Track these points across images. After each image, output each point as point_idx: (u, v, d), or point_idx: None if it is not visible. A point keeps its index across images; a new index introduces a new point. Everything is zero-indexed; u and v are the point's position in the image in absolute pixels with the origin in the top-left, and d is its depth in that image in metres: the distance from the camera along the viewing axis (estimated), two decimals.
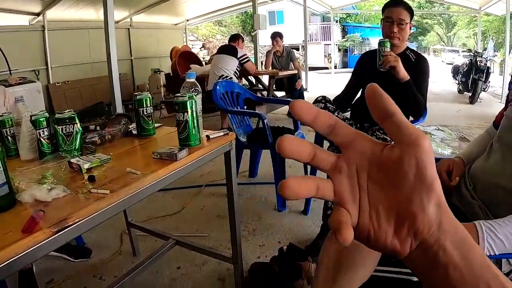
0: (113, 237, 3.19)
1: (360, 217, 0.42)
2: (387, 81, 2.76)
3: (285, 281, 2.31)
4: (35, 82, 6.68)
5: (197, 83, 1.92)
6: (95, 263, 2.83)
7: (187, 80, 1.91)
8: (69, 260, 2.82)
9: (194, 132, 1.75)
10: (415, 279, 1.21)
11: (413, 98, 2.75)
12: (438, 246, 0.40)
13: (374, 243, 0.43)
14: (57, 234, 1.11)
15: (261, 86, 8.27)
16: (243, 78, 8.25)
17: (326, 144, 2.96)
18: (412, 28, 2.96)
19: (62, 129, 1.67)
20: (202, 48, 21.83)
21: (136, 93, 2.02)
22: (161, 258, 2.62)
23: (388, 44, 2.68)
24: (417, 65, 2.88)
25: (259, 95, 7.18)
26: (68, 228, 1.14)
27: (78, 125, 1.71)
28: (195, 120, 1.75)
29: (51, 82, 8.64)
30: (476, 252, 0.41)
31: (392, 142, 0.41)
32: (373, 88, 0.42)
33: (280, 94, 8.25)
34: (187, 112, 1.71)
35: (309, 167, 3.62)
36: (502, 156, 1.56)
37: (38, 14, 8.35)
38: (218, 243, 3.03)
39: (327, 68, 25.31)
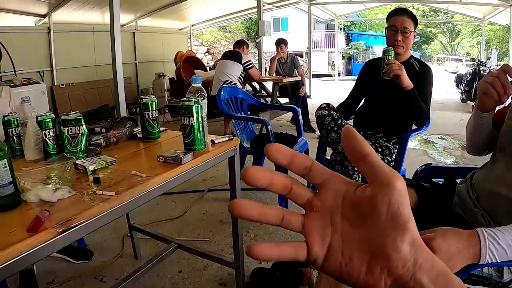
0: (115, 239, 3.19)
1: (331, 254, 0.43)
2: (391, 89, 2.78)
3: (286, 287, 2.31)
4: (39, 83, 6.68)
5: (203, 88, 1.93)
6: (96, 265, 2.83)
7: (193, 84, 1.92)
8: (70, 261, 2.82)
9: (199, 137, 1.76)
10: None
11: (417, 106, 2.75)
12: (414, 282, 0.40)
13: (346, 279, 0.43)
14: (62, 235, 1.12)
15: (265, 93, 8.28)
16: (247, 84, 8.27)
17: (329, 151, 2.96)
18: (416, 36, 2.97)
19: (68, 130, 1.68)
20: (207, 53, 21.87)
21: (142, 96, 2.03)
22: (163, 262, 2.63)
23: (392, 53, 2.69)
24: (421, 74, 2.89)
25: (262, 101, 7.19)
26: (73, 229, 1.15)
27: (84, 127, 1.72)
28: (200, 125, 1.76)
29: (55, 84, 8.65)
30: (455, 284, 0.41)
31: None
32: (348, 130, 0.43)
33: (283, 100, 8.26)
34: (193, 116, 1.72)
35: None
36: (505, 165, 1.56)
37: (44, 16, 8.37)
38: (219, 248, 3.03)
39: (330, 75, 25.32)
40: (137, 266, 2.54)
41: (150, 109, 2.00)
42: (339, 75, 23.48)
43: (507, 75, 1.40)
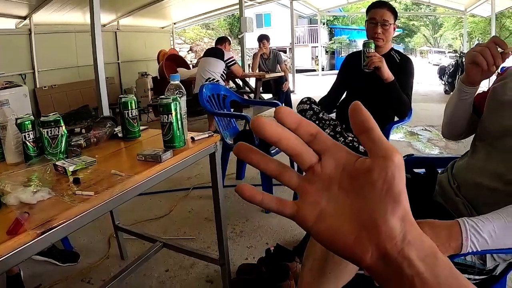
0: (100, 241, 3.18)
1: (321, 219, 0.44)
2: (372, 82, 2.80)
3: (273, 282, 2.32)
4: (21, 86, 6.63)
5: (182, 85, 1.93)
6: (83, 267, 2.82)
7: (172, 82, 1.92)
8: (57, 264, 2.80)
9: (178, 134, 1.76)
10: None
11: (398, 98, 2.78)
12: (402, 258, 0.40)
13: (333, 246, 0.44)
14: (42, 236, 1.12)
15: (248, 89, 8.29)
16: (230, 81, 8.27)
17: None
18: (398, 29, 2.99)
19: (47, 132, 1.67)
20: (190, 51, 21.82)
21: (121, 96, 2.02)
22: (149, 261, 2.63)
23: (373, 45, 2.71)
24: (402, 66, 2.91)
25: (246, 97, 7.19)
26: (53, 230, 1.15)
27: (63, 128, 1.71)
28: (179, 122, 1.76)
29: (38, 86, 8.59)
30: (443, 263, 0.41)
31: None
32: (355, 104, 0.44)
33: (267, 96, 8.27)
34: (171, 114, 1.72)
35: (295, 169, 3.62)
36: (486, 154, 1.57)
37: (24, 18, 8.29)
38: (206, 245, 3.03)
39: (314, 70, 25.36)
40: (124, 266, 2.53)
41: (129, 108, 1.99)
42: (322, 69, 23.54)
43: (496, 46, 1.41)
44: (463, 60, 10.13)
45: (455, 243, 1.15)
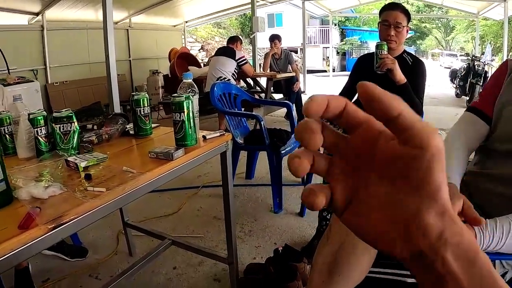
0: (109, 237, 3.19)
1: (351, 204, 0.41)
2: (384, 84, 2.75)
3: (280, 282, 2.32)
4: (33, 81, 6.66)
5: (194, 84, 1.93)
6: (91, 263, 2.83)
7: (184, 80, 1.93)
8: (65, 259, 2.82)
9: (190, 132, 1.76)
10: (410, 280, 1.23)
11: (410, 101, 2.76)
12: (435, 256, 0.37)
13: (364, 237, 0.41)
14: (53, 231, 1.12)
15: (259, 88, 8.27)
16: (241, 80, 8.26)
17: None
18: (410, 31, 2.98)
19: (59, 127, 1.68)
20: (201, 50, 21.85)
21: (133, 93, 2.03)
22: (157, 258, 2.63)
23: (385, 47, 2.70)
24: (414, 68, 2.89)
25: (256, 97, 7.19)
26: (64, 225, 1.15)
27: (76, 124, 1.72)
28: (191, 120, 1.76)
29: (49, 82, 8.62)
30: (482, 263, 0.37)
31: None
32: (366, 89, 0.39)
33: (278, 96, 8.26)
34: (184, 112, 1.72)
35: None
36: (498, 160, 1.56)
37: (37, 14, 8.33)
38: (214, 244, 3.04)
39: (325, 71, 25.32)
40: (132, 262, 2.54)
41: (141, 106, 1.99)
42: (333, 70, 23.46)
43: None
44: (475, 63, 10.11)
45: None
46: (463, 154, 1.90)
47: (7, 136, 1.80)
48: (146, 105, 2.02)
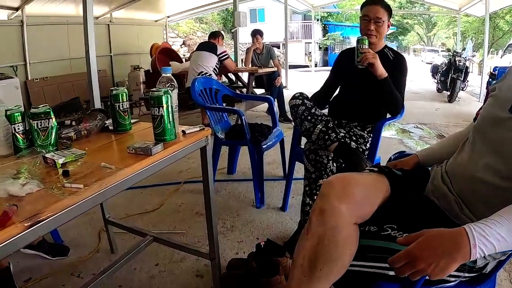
0: (90, 234, 3.16)
1: None
2: (365, 78, 2.80)
3: (263, 277, 2.32)
4: (13, 78, 6.58)
5: (173, 78, 1.92)
6: (72, 261, 2.80)
7: (163, 75, 1.91)
8: (46, 258, 2.79)
9: (169, 127, 1.75)
10: (391, 273, 1.23)
11: (391, 95, 2.78)
12: None
13: None
14: (30, 229, 1.11)
15: (240, 83, 8.29)
16: (222, 75, 8.26)
17: (304, 140, 2.97)
18: (392, 27, 3.00)
19: (37, 124, 1.66)
20: (183, 45, 21.78)
21: (112, 88, 2.01)
22: (139, 255, 2.61)
23: (366, 42, 2.72)
24: (395, 63, 2.92)
25: (238, 92, 7.20)
26: (42, 223, 1.14)
27: (54, 120, 1.69)
28: (170, 115, 1.75)
29: (29, 78, 8.54)
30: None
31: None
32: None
33: (260, 91, 8.28)
34: (163, 106, 1.71)
35: (287, 164, 3.63)
36: (477, 147, 1.57)
37: (17, 9, 8.25)
38: (196, 240, 3.03)
39: (307, 66, 25.44)
40: (114, 260, 2.52)
41: (120, 101, 1.97)
42: (316, 65, 23.59)
43: None
44: (456, 59, 10.21)
45: (463, 251, 1.14)
46: (446, 141, 1.97)
47: None
48: (125, 100, 2.00)
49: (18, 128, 1.69)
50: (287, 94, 7.37)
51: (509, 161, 1.40)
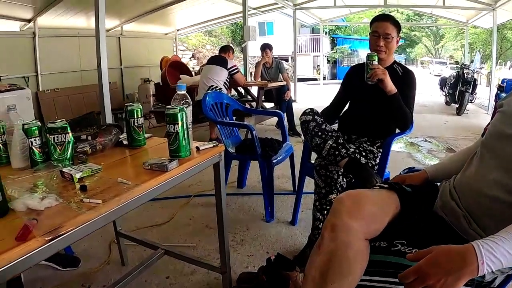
0: (101, 246, 3.18)
1: None
2: (375, 94, 2.82)
3: None
4: (24, 88, 6.64)
5: (188, 95, 1.95)
6: (83, 272, 2.82)
7: (178, 92, 1.94)
8: (57, 269, 2.81)
9: (184, 144, 1.78)
10: (402, 287, 1.25)
11: (400, 110, 2.80)
12: None
13: None
14: (50, 243, 1.13)
15: (250, 97, 8.30)
16: (232, 89, 8.29)
17: (314, 155, 2.99)
18: (400, 40, 3.02)
19: (54, 138, 1.69)
20: (192, 58, 21.86)
21: (127, 104, 2.04)
22: (150, 268, 2.63)
23: (376, 58, 2.74)
24: (404, 79, 2.94)
25: (248, 106, 7.22)
26: (61, 237, 1.17)
27: (70, 134, 1.73)
28: (185, 132, 1.78)
29: (40, 89, 8.60)
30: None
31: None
32: None
33: (269, 105, 8.31)
34: (178, 124, 1.74)
35: (297, 179, 3.64)
36: (485, 162, 1.59)
37: (29, 21, 8.32)
38: (206, 253, 3.04)
39: (316, 79, 25.44)
40: (124, 272, 2.54)
41: (135, 117, 2.01)
42: (324, 79, 23.56)
43: None
44: (464, 71, 10.21)
45: (471, 267, 1.15)
46: (456, 157, 2.00)
47: (1, 146, 1.80)
48: (140, 116, 2.04)
49: (35, 142, 1.72)
50: (296, 108, 7.40)
51: None
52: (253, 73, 8.42)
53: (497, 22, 11.76)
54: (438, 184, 1.90)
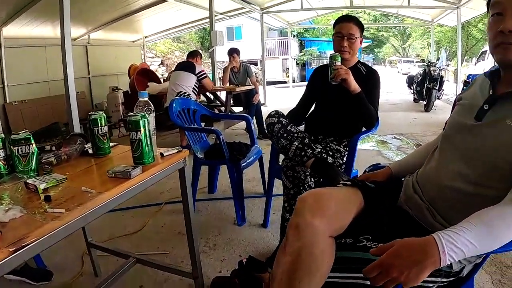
0: (74, 258, 3.15)
1: None
2: (339, 94, 2.87)
3: None
4: None
5: (150, 102, 1.96)
6: (57, 286, 2.79)
7: (140, 99, 1.95)
8: (30, 283, 2.76)
9: (147, 150, 1.79)
10: (368, 282, 1.28)
11: (365, 109, 2.85)
12: None
13: None
14: (15, 254, 1.13)
15: (218, 102, 8.32)
16: (201, 95, 8.29)
17: (282, 157, 3.02)
18: (367, 40, 3.08)
19: (18, 150, 1.68)
20: (161, 65, 21.76)
21: (91, 113, 2.04)
22: (123, 277, 2.60)
23: (339, 58, 2.79)
24: (368, 78, 2.99)
25: (216, 111, 7.23)
26: (26, 247, 1.17)
27: (34, 145, 1.72)
28: (148, 139, 1.79)
29: (7, 101, 8.48)
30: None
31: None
32: None
33: (238, 109, 8.32)
34: (140, 131, 1.75)
35: (267, 181, 3.67)
36: (445, 155, 1.63)
37: None
38: (179, 260, 3.04)
39: (285, 82, 25.60)
40: (98, 283, 2.52)
41: (99, 125, 2.01)
42: (293, 81, 23.71)
43: None
44: (431, 69, 10.38)
45: (433, 259, 1.18)
46: (417, 152, 2.07)
47: None
48: (104, 124, 2.04)
49: (0, 154, 1.71)
50: (266, 111, 7.44)
51: (477, 167, 1.46)
52: (221, 78, 8.43)
53: (462, 20, 12.03)
54: (403, 179, 1.94)
